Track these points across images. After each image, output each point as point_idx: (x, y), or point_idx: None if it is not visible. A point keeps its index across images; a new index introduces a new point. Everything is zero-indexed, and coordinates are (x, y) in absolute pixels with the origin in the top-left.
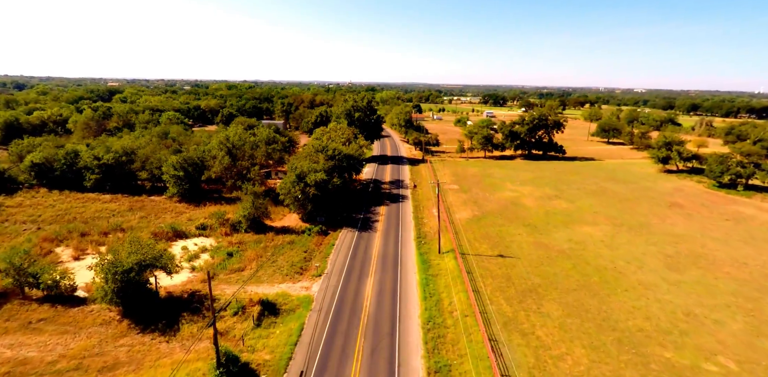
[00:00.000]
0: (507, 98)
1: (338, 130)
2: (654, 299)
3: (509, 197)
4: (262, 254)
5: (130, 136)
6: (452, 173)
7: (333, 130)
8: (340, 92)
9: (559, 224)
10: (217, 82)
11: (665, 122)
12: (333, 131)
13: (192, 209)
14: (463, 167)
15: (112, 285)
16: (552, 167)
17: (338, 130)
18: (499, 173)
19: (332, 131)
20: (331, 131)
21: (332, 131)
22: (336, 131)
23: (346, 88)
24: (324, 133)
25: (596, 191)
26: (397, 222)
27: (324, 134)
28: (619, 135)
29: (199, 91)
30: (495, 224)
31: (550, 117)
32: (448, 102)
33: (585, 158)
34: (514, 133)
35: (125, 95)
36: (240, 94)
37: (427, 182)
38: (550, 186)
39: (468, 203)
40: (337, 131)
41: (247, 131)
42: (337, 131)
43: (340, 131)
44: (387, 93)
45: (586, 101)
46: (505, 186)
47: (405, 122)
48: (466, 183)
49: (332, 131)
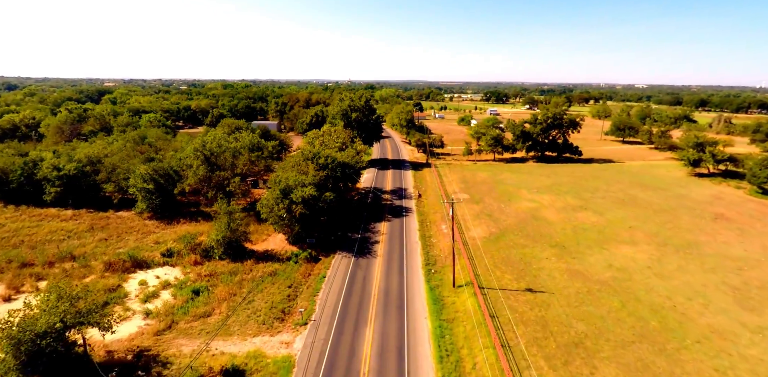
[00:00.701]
0: (509, 95)
1: (333, 133)
2: (738, 356)
3: (528, 208)
4: (237, 291)
5: (102, 141)
6: (460, 180)
7: (327, 133)
8: (338, 91)
9: (592, 243)
10: (215, 82)
11: (679, 119)
12: (327, 135)
13: (163, 227)
14: (471, 171)
15: (13, 360)
16: (569, 171)
17: (333, 133)
18: (512, 179)
19: (326, 135)
20: (325, 134)
21: (326, 134)
22: (330, 135)
23: (345, 87)
24: (316, 137)
25: (625, 200)
26: (401, 243)
27: (316, 138)
28: (636, 134)
29: (191, 91)
30: (516, 244)
31: (565, 116)
32: (449, 100)
33: (603, 160)
34: (526, 133)
35: (115, 96)
36: (233, 93)
37: (432, 191)
38: (572, 194)
39: (482, 216)
40: (331, 135)
41: (230, 136)
42: (331, 135)
43: (334, 134)
44: (386, 91)
45: (590, 98)
46: (521, 195)
47: (407, 122)
48: (477, 191)
49: (326, 134)
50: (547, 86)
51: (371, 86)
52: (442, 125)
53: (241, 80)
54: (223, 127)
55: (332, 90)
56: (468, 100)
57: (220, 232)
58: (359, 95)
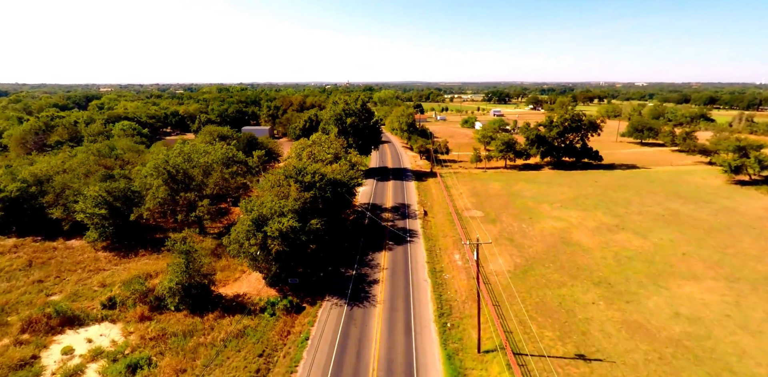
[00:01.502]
0: (511, 94)
1: (323, 142)
2: None
3: (555, 229)
4: (189, 364)
5: (63, 154)
6: (470, 192)
7: (317, 143)
8: (336, 93)
9: (644, 278)
10: (212, 86)
11: (696, 118)
12: (317, 145)
13: (117, 261)
14: (482, 181)
15: None
16: (592, 180)
17: (323, 142)
18: (529, 190)
19: (315, 145)
20: (314, 144)
21: (315, 144)
22: (320, 145)
23: (343, 89)
24: (304, 147)
25: (666, 216)
26: (407, 282)
27: (304, 148)
28: (656, 135)
29: (183, 96)
30: (550, 281)
31: (585, 117)
32: (449, 101)
33: (626, 166)
34: (541, 137)
35: (103, 101)
36: (225, 97)
37: (440, 206)
38: (603, 209)
39: (501, 240)
40: (321, 145)
41: (206, 147)
42: (321, 145)
43: (325, 143)
44: (385, 93)
45: (594, 96)
46: (543, 211)
47: (408, 126)
48: (492, 207)
49: (315, 144)
50: (546, 86)
51: (370, 88)
52: (445, 127)
53: (239, 84)
54: (205, 135)
55: (329, 92)
56: (469, 100)
57: (175, 277)
58: (354, 97)
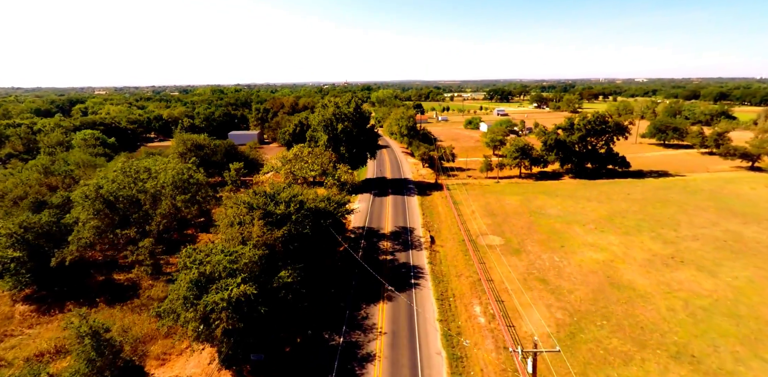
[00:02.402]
0: (513, 92)
1: (307, 156)
2: None
3: (596, 262)
4: None
5: (2, 171)
6: (484, 209)
7: (299, 156)
8: (333, 93)
9: (737, 345)
10: (208, 87)
11: (717, 116)
12: (299, 160)
13: (36, 319)
14: (495, 195)
15: None
16: (623, 191)
17: (307, 156)
18: (552, 206)
19: (297, 160)
20: (296, 158)
21: (297, 158)
22: (303, 159)
23: (341, 89)
24: (284, 163)
25: (729, 242)
26: (413, 359)
27: (285, 163)
28: (681, 136)
29: (172, 98)
30: (610, 352)
31: (610, 119)
32: (449, 99)
33: (657, 173)
34: (560, 142)
35: (87, 105)
36: (213, 99)
37: (449, 230)
38: (647, 232)
39: (531, 281)
40: (305, 159)
41: (153, 166)
42: (305, 159)
43: (310, 157)
44: (383, 92)
45: (599, 93)
46: (574, 235)
47: (408, 130)
48: (512, 230)
49: (297, 158)
50: (546, 83)
51: (368, 87)
52: (447, 129)
53: (236, 85)
54: (179, 144)
55: (325, 93)
56: (470, 99)
57: (81, 369)
58: (347, 99)
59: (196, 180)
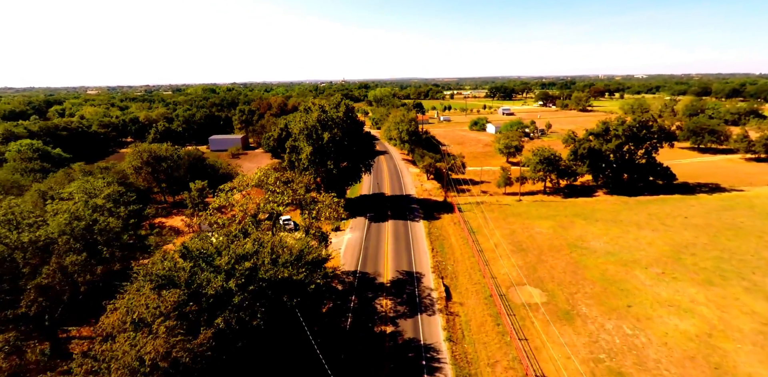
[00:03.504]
0: (516, 90)
1: (272, 184)
2: None
3: (687, 339)
4: None
5: None
6: (511, 241)
7: (264, 184)
8: (329, 91)
9: None
10: (205, 86)
11: (745, 115)
12: (265, 190)
13: None
14: (520, 219)
15: None
16: (677, 214)
17: (272, 184)
18: (595, 236)
19: (260, 193)
20: (259, 189)
21: (262, 188)
22: (270, 190)
23: (338, 87)
24: (243, 195)
25: None
26: None
27: (239, 197)
28: (720, 140)
29: (156, 98)
30: None
31: (655, 123)
32: (449, 97)
33: (708, 187)
34: (594, 151)
35: (65, 107)
36: (197, 99)
37: (468, 274)
38: (736, 279)
39: (601, 372)
40: (269, 185)
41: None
42: (269, 185)
43: (277, 186)
44: (381, 90)
45: (605, 90)
46: (639, 285)
47: (409, 135)
48: (552, 275)
49: (262, 188)
50: (545, 79)
51: (365, 85)
52: (451, 130)
53: (232, 83)
54: (134, 156)
55: (321, 91)
56: (471, 97)
57: None
58: (335, 101)
59: (107, 226)
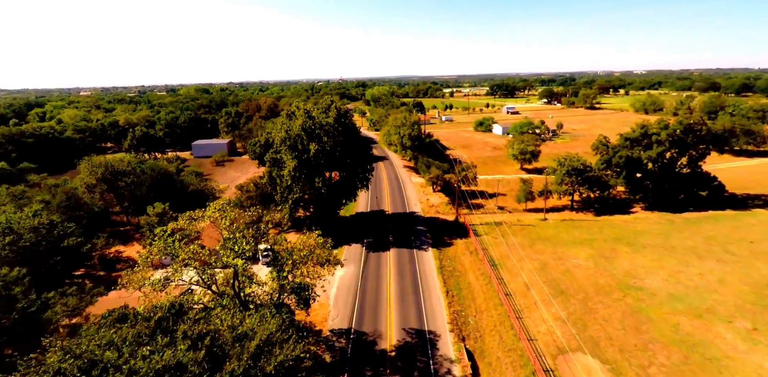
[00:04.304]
0: (518, 87)
1: (226, 226)
2: None
3: None
4: None
5: None
6: (545, 279)
7: (218, 223)
8: (325, 91)
9: None
10: (193, 86)
11: None
12: (218, 229)
13: None
14: (551, 245)
15: None
16: (739, 236)
17: (226, 226)
18: (649, 271)
19: (196, 248)
20: (211, 228)
21: (216, 228)
22: (227, 236)
23: (335, 86)
24: (179, 245)
25: None
26: None
27: (181, 245)
28: (757, 142)
29: (141, 100)
30: None
31: (704, 126)
32: (449, 95)
33: (763, 200)
34: (632, 160)
35: (45, 110)
36: (183, 101)
37: (497, 332)
38: None
39: None
40: (223, 226)
41: None
42: (223, 226)
43: (234, 230)
44: (379, 89)
45: (609, 87)
46: (728, 350)
47: (412, 141)
48: (608, 333)
49: (216, 228)
50: (544, 76)
51: (363, 84)
52: (454, 131)
53: (228, 83)
54: (89, 173)
55: (317, 91)
56: (471, 94)
57: None
58: (324, 104)
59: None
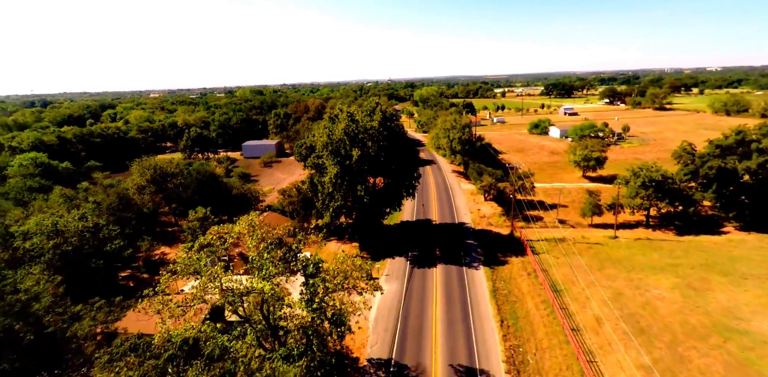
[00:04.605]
0: (576, 86)
1: (254, 245)
2: None
3: None
4: None
5: None
6: (622, 313)
7: (242, 240)
8: (375, 91)
9: None
10: (248, 88)
11: None
12: (248, 249)
13: None
14: (626, 272)
15: None
16: None
17: (254, 245)
18: (755, 310)
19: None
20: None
21: (244, 248)
22: (254, 265)
23: (383, 87)
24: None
25: None
26: None
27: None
28: None
29: (200, 101)
30: None
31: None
32: (500, 96)
33: None
34: (725, 171)
35: (117, 111)
36: (237, 102)
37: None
38: None
39: None
40: (252, 244)
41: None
42: (252, 244)
43: (261, 251)
44: (427, 90)
45: (679, 85)
46: None
47: (462, 145)
48: None
49: (244, 248)
50: (604, 74)
51: (411, 85)
52: (507, 134)
53: (282, 85)
54: (140, 174)
55: (366, 91)
56: (524, 94)
57: None
58: (369, 107)
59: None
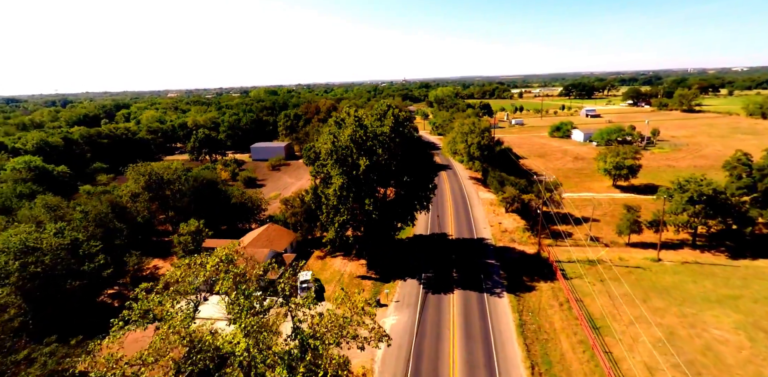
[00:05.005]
0: (597, 87)
1: (228, 288)
2: None
3: None
4: None
5: None
6: (678, 360)
7: (217, 279)
8: (389, 91)
9: None
10: (269, 88)
11: None
12: (221, 289)
13: None
14: (677, 305)
15: None
16: None
17: (228, 288)
18: None
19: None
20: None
21: (218, 287)
22: (235, 312)
23: (398, 87)
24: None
25: None
26: None
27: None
28: None
29: (213, 101)
30: None
31: None
32: (517, 96)
33: None
34: None
35: (131, 110)
36: (249, 102)
37: None
38: None
39: None
40: (225, 287)
41: None
42: (225, 287)
43: (234, 291)
44: (442, 90)
45: (707, 86)
46: None
47: (481, 151)
48: None
49: (218, 287)
50: (624, 75)
51: (426, 85)
52: (527, 137)
53: (297, 85)
54: (135, 180)
55: (380, 92)
56: (542, 96)
57: None
58: (380, 110)
59: None
